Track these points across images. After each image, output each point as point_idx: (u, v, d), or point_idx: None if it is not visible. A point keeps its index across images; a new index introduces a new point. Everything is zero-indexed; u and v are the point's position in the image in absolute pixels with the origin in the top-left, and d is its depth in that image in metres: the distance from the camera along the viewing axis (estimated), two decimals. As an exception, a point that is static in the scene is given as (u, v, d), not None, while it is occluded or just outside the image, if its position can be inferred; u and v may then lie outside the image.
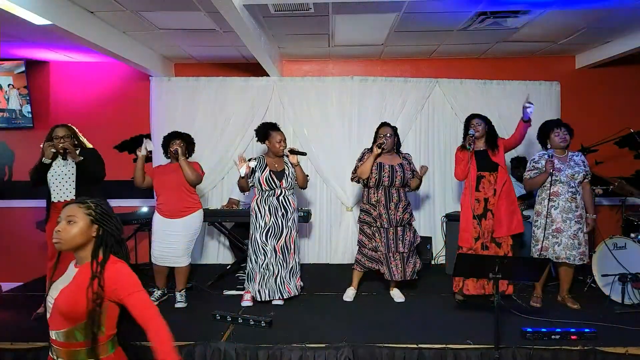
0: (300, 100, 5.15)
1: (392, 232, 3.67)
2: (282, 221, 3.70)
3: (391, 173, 3.65)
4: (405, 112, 5.13)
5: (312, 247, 5.30)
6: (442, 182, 5.25)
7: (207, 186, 5.18)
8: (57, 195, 3.45)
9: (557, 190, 3.55)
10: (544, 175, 3.54)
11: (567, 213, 3.51)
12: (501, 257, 3.06)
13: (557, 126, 3.61)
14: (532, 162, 3.69)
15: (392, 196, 3.68)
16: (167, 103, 5.16)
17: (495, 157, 3.62)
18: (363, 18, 3.94)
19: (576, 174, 3.53)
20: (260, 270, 3.67)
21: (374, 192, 3.70)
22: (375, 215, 3.69)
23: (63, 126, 3.52)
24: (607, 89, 5.27)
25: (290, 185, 3.76)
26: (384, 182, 3.66)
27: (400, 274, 3.69)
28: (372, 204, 3.71)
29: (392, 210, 3.66)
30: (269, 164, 3.74)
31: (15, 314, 3.60)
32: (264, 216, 3.69)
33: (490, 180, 3.59)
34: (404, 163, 3.73)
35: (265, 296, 3.67)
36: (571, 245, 3.49)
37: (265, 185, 3.67)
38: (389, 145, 3.70)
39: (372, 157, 3.64)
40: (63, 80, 5.34)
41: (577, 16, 3.91)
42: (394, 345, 2.82)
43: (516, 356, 2.75)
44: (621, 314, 3.36)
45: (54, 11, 3.31)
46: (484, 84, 5.15)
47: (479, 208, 3.60)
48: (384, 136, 3.69)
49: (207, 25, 4.05)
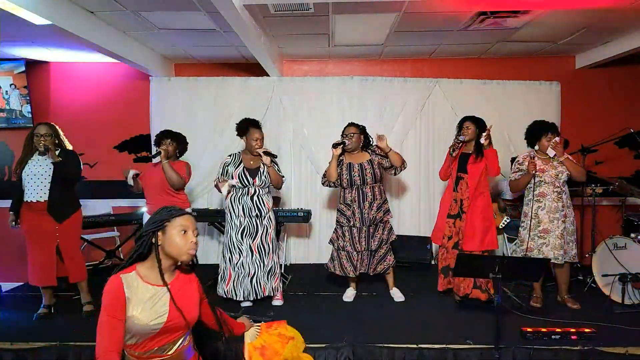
0: (300, 100, 5.15)
1: (365, 230, 3.69)
2: (257, 221, 3.68)
3: (361, 171, 3.67)
4: (405, 112, 5.13)
5: (312, 247, 5.30)
6: (442, 182, 5.22)
7: (207, 186, 5.18)
8: (31, 194, 3.40)
9: (543, 191, 3.55)
10: (528, 176, 3.54)
11: (554, 213, 3.52)
12: (501, 257, 3.06)
13: (552, 131, 3.55)
14: (517, 164, 3.70)
15: (366, 195, 3.69)
16: (167, 103, 5.16)
17: (473, 165, 3.57)
18: (363, 18, 3.94)
19: (560, 174, 3.52)
20: (235, 270, 3.66)
21: (349, 191, 3.73)
22: (348, 214, 3.71)
23: (45, 124, 3.49)
24: (607, 89, 5.27)
25: (264, 183, 3.70)
26: (356, 182, 3.68)
27: (365, 268, 3.73)
28: (347, 203, 3.73)
29: (366, 209, 3.68)
30: (244, 160, 3.73)
31: (15, 314, 3.60)
32: (238, 216, 3.67)
33: (467, 183, 3.59)
34: (372, 158, 3.73)
35: (240, 296, 3.65)
36: (558, 245, 3.50)
37: (239, 181, 3.65)
38: (353, 145, 3.71)
39: (334, 159, 3.70)
40: (63, 80, 5.35)
41: (577, 16, 3.91)
42: (394, 345, 2.82)
43: (516, 356, 2.76)
44: (621, 314, 3.36)
45: (54, 11, 3.31)
46: (484, 84, 5.15)
47: (455, 208, 3.64)
48: (346, 136, 3.72)
49: (207, 25, 4.05)
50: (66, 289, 3.87)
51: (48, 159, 3.42)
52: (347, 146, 3.70)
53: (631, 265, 3.53)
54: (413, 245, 4.94)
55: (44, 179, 3.42)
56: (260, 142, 3.72)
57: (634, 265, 3.52)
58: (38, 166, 3.44)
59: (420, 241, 4.96)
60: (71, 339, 2.94)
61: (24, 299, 3.99)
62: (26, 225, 3.46)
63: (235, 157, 3.77)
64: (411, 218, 5.26)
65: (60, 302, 3.76)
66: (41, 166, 3.44)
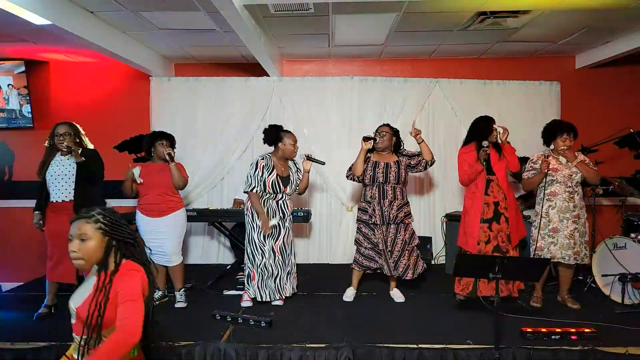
0: (300, 100, 5.15)
1: (385, 229, 3.68)
2: (280, 223, 3.69)
3: (385, 170, 3.67)
4: (405, 112, 5.12)
5: (312, 247, 5.30)
6: (442, 182, 5.24)
7: (207, 186, 5.18)
8: (56, 195, 3.44)
9: (554, 190, 3.54)
10: (540, 175, 3.53)
11: (565, 213, 3.51)
12: (501, 257, 3.06)
13: (568, 132, 3.51)
14: (531, 163, 3.68)
15: (386, 193, 3.67)
16: (167, 103, 5.16)
17: (498, 165, 3.54)
18: (363, 18, 3.94)
19: (574, 174, 3.52)
20: (258, 271, 3.67)
21: (370, 188, 3.72)
22: (370, 212, 3.70)
23: (65, 124, 3.49)
24: (607, 89, 5.27)
25: (293, 191, 3.76)
26: (379, 179, 3.67)
27: (394, 271, 3.71)
28: (367, 200, 3.72)
29: (386, 207, 3.66)
30: (276, 167, 3.68)
31: (15, 314, 3.60)
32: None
33: (498, 184, 3.56)
34: (400, 160, 3.73)
35: (265, 297, 3.67)
36: (567, 245, 3.48)
37: (270, 188, 3.64)
38: (384, 144, 3.70)
39: (362, 152, 3.68)
40: (63, 80, 5.35)
41: (577, 16, 3.91)
42: (394, 345, 2.82)
43: (516, 356, 2.75)
44: (621, 314, 3.36)
45: (54, 11, 3.32)
46: (484, 84, 5.15)
47: (489, 212, 3.55)
48: (379, 133, 3.72)
49: (207, 25, 4.05)
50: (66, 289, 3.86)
51: (71, 158, 3.43)
52: (377, 143, 3.68)
53: (631, 265, 3.53)
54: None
55: (68, 179, 3.45)
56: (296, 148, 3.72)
57: (634, 265, 3.52)
58: (62, 166, 3.46)
59: (421, 241, 4.94)
60: (71, 339, 2.93)
61: (24, 299, 3.99)
62: (51, 225, 3.47)
63: (267, 160, 3.66)
64: (411, 218, 5.25)
65: (61, 302, 3.75)
66: (64, 166, 3.46)
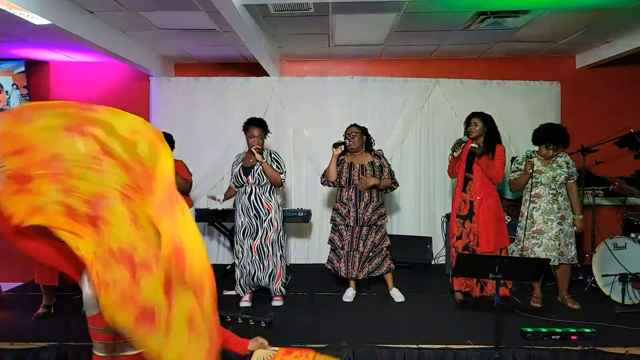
0: (300, 100, 5.15)
1: (357, 230, 3.70)
2: (256, 222, 3.66)
3: (361, 172, 3.68)
4: (405, 112, 5.13)
5: (312, 247, 5.30)
6: (442, 182, 5.24)
7: (206, 186, 5.17)
8: None
9: (538, 192, 3.55)
10: (526, 176, 3.53)
11: (549, 214, 3.51)
12: (501, 257, 3.06)
13: (552, 143, 3.50)
14: (516, 163, 3.69)
15: (363, 195, 3.69)
16: (167, 103, 5.16)
17: (479, 163, 3.48)
18: (363, 18, 3.94)
19: (557, 176, 3.51)
20: (239, 268, 3.73)
21: (346, 190, 3.73)
22: (344, 213, 3.72)
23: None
24: (607, 89, 5.26)
25: (258, 182, 3.65)
26: (355, 181, 3.69)
27: (356, 272, 3.72)
28: (343, 202, 3.74)
29: (362, 209, 3.67)
30: (244, 159, 3.75)
31: (15, 314, 3.60)
32: (240, 215, 3.71)
33: (477, 184, 3.51)
34: (374, 161, 3.75)
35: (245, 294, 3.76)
36: (552, 246, 3.48)
37: (236, 180, 3.70)
38: (355, 145, 3.72)
39: (333, 158, 3.70)
40: (63, 80, 5.34)
41: (577, 16, 3.91)
42: (394, 345, 2.82)
43: (516, 356, 2.75)
44: (621, 314, 3.36)
45: (54, 11, 3.31)
46: (484, 84, 5.15)
47: (464, 209, 3.56)
48: (348, 135, 3.74)
49: (207, 25, 4.04)
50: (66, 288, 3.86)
51: None
52: (348, 146, 3.72)
53: (631, 265, 3.53)
54: (413, 245, 4.93)
55: None
56: (258, 140, 3.67)
57: (634, 265, 3.52)
58: None
59: (421, 241, 4.96)
60: (71, 339, 2.94)
61: (24, 299, 3.99)
62: None
63: (239, 156, 3.85)
64: (411, 218, 5.26)
65: (60, 302, 3.75)
66: None
